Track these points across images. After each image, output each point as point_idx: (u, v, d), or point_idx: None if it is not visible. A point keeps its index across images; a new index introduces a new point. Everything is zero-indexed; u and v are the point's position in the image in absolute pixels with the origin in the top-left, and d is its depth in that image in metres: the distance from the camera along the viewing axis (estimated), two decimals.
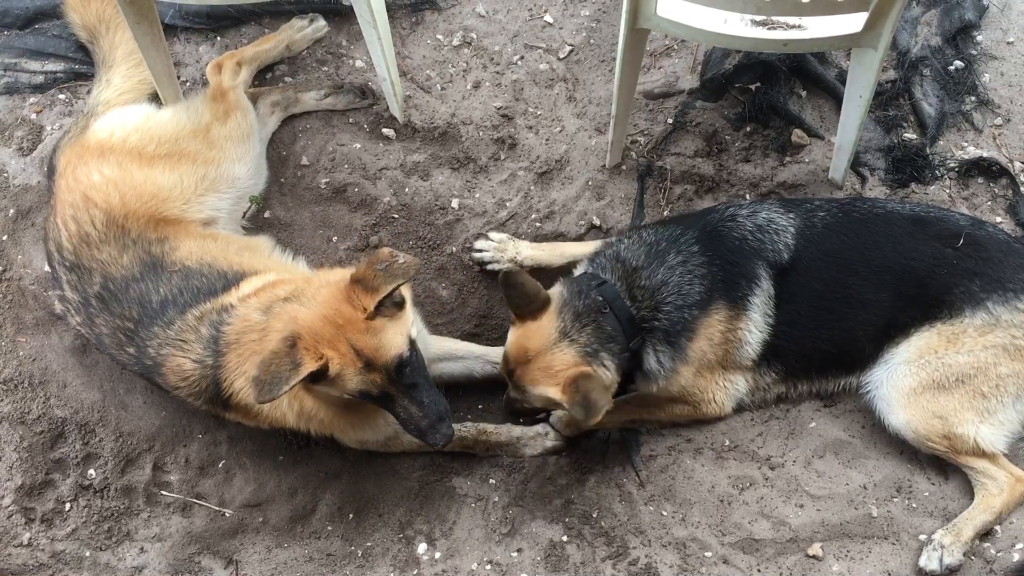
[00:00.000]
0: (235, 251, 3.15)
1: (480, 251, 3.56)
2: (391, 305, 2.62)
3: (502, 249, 3.46)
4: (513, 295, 2.88)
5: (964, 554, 2.82)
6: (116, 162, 3.12)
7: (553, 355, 2.80)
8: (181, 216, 3.15)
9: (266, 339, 2.66)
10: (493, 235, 3.56)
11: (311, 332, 2.55)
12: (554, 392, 2.75)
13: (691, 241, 2.98)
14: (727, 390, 3.08)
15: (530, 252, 3.46)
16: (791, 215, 3.05)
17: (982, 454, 2.88)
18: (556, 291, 2.95)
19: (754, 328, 2.99)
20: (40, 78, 3.72)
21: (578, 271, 3.12)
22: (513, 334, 2.91)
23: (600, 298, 2.87)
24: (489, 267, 3.51)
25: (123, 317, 2.99)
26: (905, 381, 2.90)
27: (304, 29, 3.73)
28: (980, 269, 2.88)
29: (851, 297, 2.96)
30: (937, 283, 2.90)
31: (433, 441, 2.71)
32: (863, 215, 3.06)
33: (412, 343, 2.69)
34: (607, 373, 2.82)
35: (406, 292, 2.72)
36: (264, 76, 3.71)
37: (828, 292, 2.97)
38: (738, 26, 2.91)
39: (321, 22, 3.75)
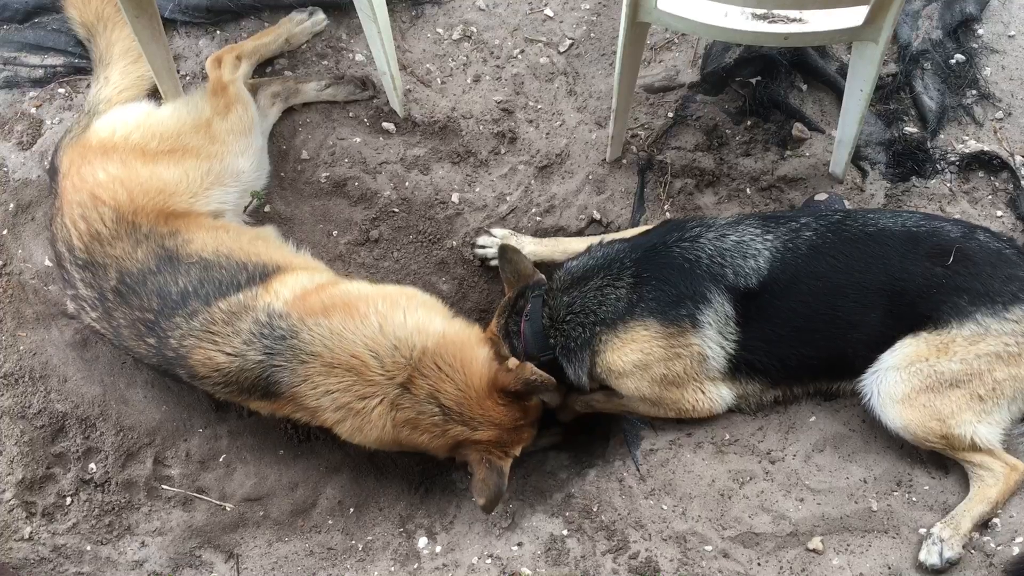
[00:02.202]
0: (248, 241, 3.19)
1: (483, 247, 3.57)
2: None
3: None
4: (507, 269, 3.27)
5: (963, 547, 2.83)
6: (120, 160, 3.12)
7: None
8: (190, 209, 3.16)
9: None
10: (496, 231, 3.56)
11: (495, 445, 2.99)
12: None
13: (626, 264, 3.07)
14: (707, 398, 3.10)
15: (533, 247, 3.47)
16: (769, 237, 3.02)
17: (979, 450, 2.90)
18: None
19: (713, 344, 3.01)
20: (40, 72, 3.72)
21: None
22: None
23: (528, 306, 3.13)
24: (492, 263, 3.52)
25: (143, 309, 3.01)
26: (898, 388, 2.91)
27: (303, 23, 3.72)
28: (968, 284, 2.88)
29: (839, 319, 2.96)
30: (927, 302, 2.91)
31: None
32: (854, 235, 3.00)
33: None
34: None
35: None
36: (264, 70, 3.70)
37: (814, 314, 2.97)
38: (739, 20, 2.91)
39: (320, 16, 3.74)
